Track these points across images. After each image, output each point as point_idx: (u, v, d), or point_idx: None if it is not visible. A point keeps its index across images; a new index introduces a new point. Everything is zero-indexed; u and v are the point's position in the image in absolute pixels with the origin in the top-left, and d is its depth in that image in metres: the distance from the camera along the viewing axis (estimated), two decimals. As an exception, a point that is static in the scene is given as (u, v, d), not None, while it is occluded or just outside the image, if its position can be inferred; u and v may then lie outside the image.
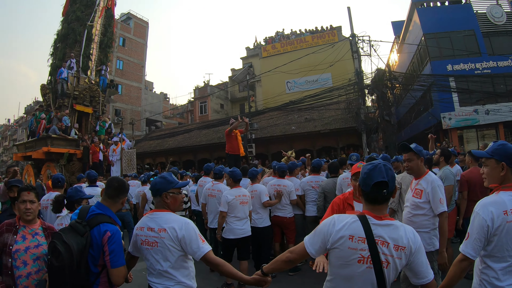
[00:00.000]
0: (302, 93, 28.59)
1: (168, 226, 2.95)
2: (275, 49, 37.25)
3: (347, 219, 2.35)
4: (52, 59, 19.10)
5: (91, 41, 18.83)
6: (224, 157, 25.70)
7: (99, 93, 18.32)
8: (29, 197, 3.42)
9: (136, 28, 43.96)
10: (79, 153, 16.20)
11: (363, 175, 2.36)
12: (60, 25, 19.63)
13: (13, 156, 55.44)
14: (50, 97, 17.71)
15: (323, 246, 2.38)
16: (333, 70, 28.00)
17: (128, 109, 40.73)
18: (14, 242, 3.28)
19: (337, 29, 35.52)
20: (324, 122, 23.19)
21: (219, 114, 42.45)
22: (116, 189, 3.12)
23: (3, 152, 75.83)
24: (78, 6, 18.94)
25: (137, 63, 43.30)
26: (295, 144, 23.06)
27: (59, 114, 16.40)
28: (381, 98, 19.48)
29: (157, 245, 2.94)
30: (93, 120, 18.44)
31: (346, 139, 22.44)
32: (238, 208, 6.15)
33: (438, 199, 4.06)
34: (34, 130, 17.04)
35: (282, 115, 26.08)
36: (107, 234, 2.80)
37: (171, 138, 32.52)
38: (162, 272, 2.94)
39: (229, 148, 10.78)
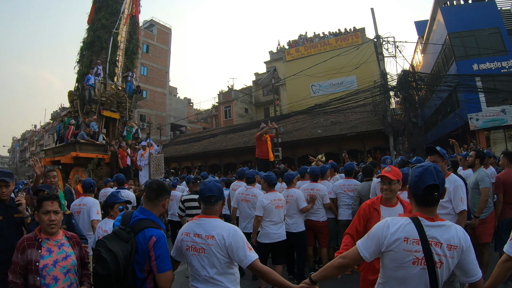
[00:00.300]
0: (327, 96, 28.37)
1: (216, 233, 2.92)
2: (299, 53, 37.12)
3: (400, 221, 2.36)
4: (79, 66, 19.37)
5: (117, 48, 19.08)
6: (250, 161, 25.88)
7: (125, 99, 18.54)
8: (53, 207, 3.17)
9: (159, 35, 44.55)
10: (107, 158, 16.39)
11: (414, 178, 2.37)
12: (86, 33, 19.92)
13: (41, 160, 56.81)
14: (77, 103, 17.97)
15: (377, 249, 2.40)
16: (358, 72, 27.69)
17: (153, 114, 41.19)
18: (39, 257, 3.00)
19: (360, 30, 35.25)
20: (350, 125, 22.98)
21: (244, 118, 42.48)
22: (155, 191, 2.99)
23: (30, 157, 77.61)
24: (103, 14, 19.19)
25: (161, 69, 43.85)
26: (322, 147, 22.96)
27: (87, 120, 16.63)
28: (408, 99, 19.19)
29: (204, 252, 2.91)
30: (120, 125, 18.64)
31: (373, 142, 22.19)
32: (274, 213, 6.12)
33: (459, 197, 4.26)
34: (62, 135, 17.28)
35: (308, 118, 25.92)
36: (153, 239, 2.72)
37: (197, 143, 32.74)
38: (208, 278, 2.91)
39: (259, 152, 10.81)
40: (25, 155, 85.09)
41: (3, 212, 4.32)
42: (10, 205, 4.41)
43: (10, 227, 4.29)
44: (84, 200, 6.03)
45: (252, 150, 24.54)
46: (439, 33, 25.54)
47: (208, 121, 54.32)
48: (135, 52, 21.03)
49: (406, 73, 19.64)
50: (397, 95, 20.55)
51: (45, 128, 66.98)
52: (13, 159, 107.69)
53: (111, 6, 19.35)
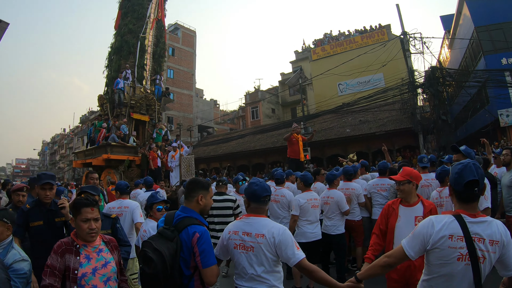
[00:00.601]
0: (354, 94, 28.12)
1: (267, 231, 2.98)
2: (325, 51, 36.96)
3: (444, 219, 2.43)
4: (108, 70, 19.75)
5: (145, 52, 19.35)
6: (279, 161, 25.96)
7: (155, 102, 18.80)
8: (93, 214, 2.94)
9: (184, 38, 44.90)
10: (138, 160, 16.63)
11: (455, 175, 2.45)
12: (113, 38, 20.27)
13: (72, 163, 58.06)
14: (107, 106, 18.31)
15: (422, 248, 2.47)
16: (385, 70, 27.37)
17: (180, 116, 41.49)
18: (78, 265, 2.79)
19: (386, 27, 34.84)
20: (379, 124, 22.76)
21: (271, 119, 42.58)
22: (188, 188, 3.08)
23: (60, 160, 79.26)
24: (130, 19, 19.53)
25: (187, 71, 44.22)
26: (350, 147, 22.91)
27: (117, 123, 16.94)
28: (437, 96, 18.90)
29: (253, 250, 2.98)
30: (150, 127, 18.88)
31: (402, 140, 21.95)
32: (310, 212, 6.18)
33: (483, 195, 4.17)
34: (93, 138, 17.61)
35: (336, 118, 25.78)
36: (196, 235, 2.76)
37: (225, 144, 32.96)
38: (255, 276, 2.96)
39: (290, 152, 10.86)
40: (55, 158, 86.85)
41: (45, 217, 4.35)
42: (52, 209, 4.42)
43: (51, 231, 4.29)
44: (125, 203, 5.96)
45: (280, 151, 24.61)
46: (466, 27, 24.86)
47: (234, 122, 54.56)
48: (163, 55, 21.28)
49: (434, 69, 19.34)
50: (425, 92, 20.24)
51: (74, 131, 68.18)
52: (43, 161, 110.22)
53: (137, 11, 19.67)
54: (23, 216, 4.22)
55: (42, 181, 4.31)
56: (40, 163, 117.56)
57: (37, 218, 4.29)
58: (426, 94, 20.70)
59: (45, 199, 4.36)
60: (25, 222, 4.21)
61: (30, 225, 4.23)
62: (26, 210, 4.31)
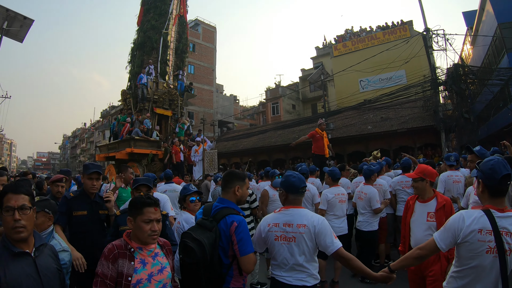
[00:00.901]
0: (376, 91, 28.00)
1: (307, 221, 3.06)
2: (346, 48, 36.60)
3: (474, 214, 2.58)
4: (131, 66, 20.04)
5: (167, 47, 19.65)
6: (300, 157, 26.01)
7: (177, 97, 19.02)
8: (156, 215, 2.67)
9: (205, 34, 45.14)
10: (160, 154, 16.89)
11: (488, 171, 2.56)
12: (136, 34, 20.57)
13: (93, 156, 58.90)
14: (131, 101, 18.60)
15: (453, 241, 2.62)
16: (407, 67, 27.08)
17: (201, 111, 41.85)
18: (132, 271, 2.51)
19: (408, 23, 34.32)
20: (401, 121, 22.48)
21: (291, 114, 42.56)
22: (224, 179, 3.21)
23: (80, 153, 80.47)
24: (152, 15, 19.82)
25: (208, 67, 44.48)
26: (371, 144, 22.70)
27: (140, 117, 17.22)
28: (459, 94, 18.67)
29: (295, 240, 3.05)
30: (172, 122, 19.15)
31: (424, 138, 21.60)
32: (337, 207, 6.29)
33: None
34: (117, 132, 17.96)
35: (357, 114, 25.53)
36: (234, 224, 2.85)
37: (246, 139, 33.01)
38: (295, 266, 3.03)
39: (315, 148, 10.91)
40: (76, 152, 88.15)
41: (89, 207, 4.28)
42: (96, 201, 4.36)
43: (94, 223, 4.25)
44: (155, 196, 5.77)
45: (301, 147, 24.62)
46: (489, 24, 24.32)
47: (254, 118, 54.75)
48: (185, 51, 21.54)
49: (457, 66, 19.10)
50: (447, 89, 19.98)
51: (95, 125, 69.10)
52: (64, 155, 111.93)
53: (160, 8, 19.93)
54: (66, 204, 4.16)
55: (90, 171, 4.26)
56: (61, 157, 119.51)
57: (81, 208, 4.22)
58: (448, 92, 20.39)
59: (91, 189, 4.31)
60: (68, 211, 4.14)
61: (74, 214, 4.16)
62: (69, 198, 4.24)
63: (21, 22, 13.49)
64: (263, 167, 26.19)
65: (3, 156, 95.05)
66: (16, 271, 2.24)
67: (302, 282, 3.02)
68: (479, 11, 26.90)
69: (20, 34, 13.90)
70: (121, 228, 3.79)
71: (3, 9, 12.72)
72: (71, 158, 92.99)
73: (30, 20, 13.78)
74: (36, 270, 2.34)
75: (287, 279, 3.04)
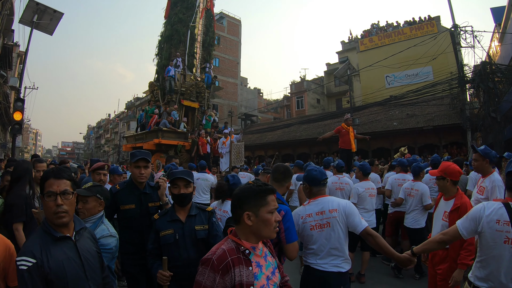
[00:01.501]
0: (402, 88, 27.71)
1: (338, 205, 3.28)
2: (372, 43, 36.09)
3: (494, 205, 2.77)
4: (158, 58, 20.40)
5: (195, 40, 19.90)
6: (324, 151, 26.05)
7: (204, 89, 19.31)
8: (276, 203, 2.21)
9: (229, 27, 45.27)
10: (187, 145, 17.18)
11: (507, 168, 2.87)
12: (163, 27, 20.93)
13: (117, 147, 59.71)
14: (158, 93, 18.99)
15: (474, 229, 2.80)
16: (433, 63, 26.63)
17: (225, 104, 42.13)
18: (253, 277, 2.02)
19: (435, 19, 33.74)
20: (427, 118, 22.29)
21: (316, 109, 42.49)
22: (283, 173, 3.37)
23: (105, 143, 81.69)
24: (180, 8, 20.14)
25: (232, 60, 44.64)
26: (396, 140, 22.71)
27: (168, 109, 17.51)
28: (487, 92, 18.42)
29: (330, 225, 3.24)
30: (199, 114, 19.45)
31: (450, 136, 21.52)
32: (367, 200, 6.47)
33: (495, 196, 4.51)
34: (144, 123, 18.30)
35: (383, 110, 25.46)
36: (281, 213, 2.88)
37: (270, 133, 33.05)
38: (331, 250, 3.23)
39: (341, 143, 11.02)
40: (100, 142, 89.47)
41: (137, 200, 3.90)
42: (146, 192, 3.96)
43: (143, 217, 3.84)
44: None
45: (326, 141, 24.65)
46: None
47: (278, 111, 54.69)
48: (212, 44, 21.76)
49: (485, 64, 18.82)
50: (474, 87, 19.69)
51: (120, 116, 69.87)
52: (88, 145, 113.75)
53: (187, 1, 20.28)
54: (112, 197, 3.77)
55: (136, 158, 3.86)
56: (85, 146, 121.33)
57: (129, 201, 3.87)
58: (475, 90, 20.10)
59: (139, 178, 3.89)
60: (114, 204, 3.85)
61: (121, 208, 3.85)
62: (115, 191, 3.91)
63: (51, 15, 13.79)
64: (288, 161, 26.37)
65: (29, 145, 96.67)
66: (58, 255, 2.24)
67: (337, 268, 3.19)
68: (508, 7, 26.22)
69: (50, 27, 14.18)
70: (162, 234, 3.30)
71: (34, 3, 13.03)
72: (96, 148, 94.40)
73: (60, 14, 14.10)
74: (77, 253, 2.35)
75: (323, 266, 3.20)
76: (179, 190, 3.37)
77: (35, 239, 2.25)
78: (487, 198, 4.58)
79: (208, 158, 16.43)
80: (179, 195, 3.37)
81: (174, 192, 3.39)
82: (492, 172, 4.81)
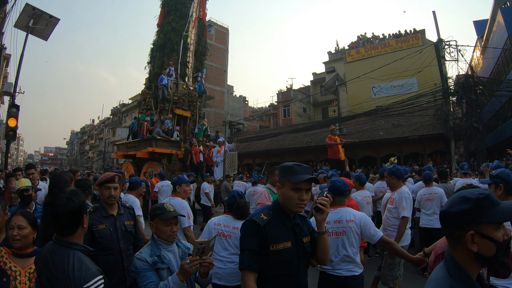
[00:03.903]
0: (388, 98, 28.45)
1: (353, 216, 3.60)
2: (359, 54, 36.99)
3: None
4: (150, 67, 20.68)
5: (187, 50, 20.17)
6: (312, 160, 26.43)
7: (196, 98, 19.63)
8: None
9: (217, 35, 45.59)
10: (180, 154, 17.44)
11: (507, 177, 3.28)
12: (156, 35, 21.22)
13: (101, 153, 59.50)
14: (151, 101, 19.18)
15: None
16: (418, 75, 27.42)
17: (212, 112, 42.42)
18: None
19: (420, 32, 34.56)
20: (412, 128, 22.89)
21: (302, 117, 43.02)
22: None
23: (89, 149, 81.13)
24: (173, 17, 20.38)
25: (219, 68, 45.01)
26: (382, 149, 23.34)
27: (162, 118, 17.77)
28: (469, 104, 19.00)
29: (345, 234, 3.55)
30: (191, 123, 19.73)
31: (434, 145, 22.13)
32: (365, 207, 6.86)
33: (402, 206, 5.20)
34: (136, 131, 18.52)
35: (369, 120, 25.94)
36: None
37: (258, 141, 33.31)
38: (345, 256, 3.52)
39: (331, 154, 11.50)
40: (84, 148, 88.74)
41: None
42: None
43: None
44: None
45: (313, 150, 25.02)
46: (500, 34, 24.04)
47: (263, 119, 55.03)
48: (204, 53, 22.02)
49: (468, 77, 19.41)
50: (458, 99, 20.30)
51: (105, 122, 69.54)
52: (71, 150, 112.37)
53: (180, 10, 20.48)
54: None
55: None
56: (68, 152, 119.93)
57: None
58: (458, 101, 20.70)
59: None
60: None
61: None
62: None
63: (47, 20, 13.73)
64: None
65: (11, 150, 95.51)
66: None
67: (351, 272, 3.51)
68: (490, 21, 26.95)
69: (45, 32, 14.09)
70: None
71: (30, 7, 13.08)
72: (80, 153, 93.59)
73: (55, 19, 14.09)
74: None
75: (338, 272, 3.50)
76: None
77: None
78: (396, 208, 5.30)
79: (201, 167, 16.70)
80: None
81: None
82: (400, 186, 5.43)
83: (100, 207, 3.67)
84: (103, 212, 3.61)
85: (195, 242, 2.56)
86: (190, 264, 2.43)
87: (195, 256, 2.48)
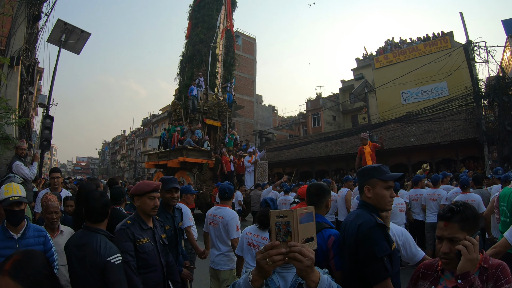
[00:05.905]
0: (418, 104, 28.14)
1: (391, 230, 3.14)
2: (387, 59, 36.69)
3: None
4: (180, 78, 21.04)
5: (216, 60, 20.41)
6: (342, 168, 26.37)
7: (226, 108, 19.86)
8: None
9: (245, 45, 46.05)
10: (211, 163, 17.57)
11: None
12: (185, 47, 21.62)
13: (133, 163, 60.33)
14: (181, 111, 19.46)
15: None
16: (448, 79, 26.86)
17: (241, 121, 42.72)
18: None
19: (448, 34, 34.01)
20: (443, 134, 22.52)
21: (332, 126, 42.94)
22: (317, 195, 3.09)
23: (121, 159, 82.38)
24: (201, 29, 20.76)
25: (248, 77, 45.42)
26: (413, 156, 23.07)
27: (192, 128, 18.04)
28: (502, 107, 18.66)
29: None
30: (221, 133, 19.96)
31: (466, 151, 21.67)
32: (397, 215, 6.82)
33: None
34: (167, 141, 18.80)
35: (400, 127, 25.73)
36: (332, 239, 2.76)
37: (288, 150, 33.44)
38: None
39: (358, 162, 11.53)
40: (115, 158, 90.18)
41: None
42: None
43: None
44: (222, 211, 5.06)
45: (344, 158, 24.88)
46: None
47: (293, 128, 55.13)
48: (232, 63, 22.27)
49: (499, 79, 19.02)
50: (490, 102, 19.89)
51: (136, 133, 70.63)
52: (103, 160, 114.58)
53: (207, 22, 20.83)
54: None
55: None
56: (100, 162, 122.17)
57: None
58: (490, 104, 20.25)
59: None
60: None
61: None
62: None
63: (79, 35, 14.14)
64: (305, 178, 26.56)
65: (44, 160, 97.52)
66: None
67: None
68: (520, 19, 26.33)
69: (77, 46, 14.49)
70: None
71: (62, 22, 13.48)
72: (111, 163, 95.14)
73: (87, 34, 14.50)
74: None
75: None
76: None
77: None
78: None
79: (232, 176, 16.82)
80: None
81: None
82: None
83: (136, 219, 3.38)
84: (142, 225, 3.36)
85: (272, 212, 1.49)
86: (263, 255, 1.44)
87: (274, 240, 1.44)
